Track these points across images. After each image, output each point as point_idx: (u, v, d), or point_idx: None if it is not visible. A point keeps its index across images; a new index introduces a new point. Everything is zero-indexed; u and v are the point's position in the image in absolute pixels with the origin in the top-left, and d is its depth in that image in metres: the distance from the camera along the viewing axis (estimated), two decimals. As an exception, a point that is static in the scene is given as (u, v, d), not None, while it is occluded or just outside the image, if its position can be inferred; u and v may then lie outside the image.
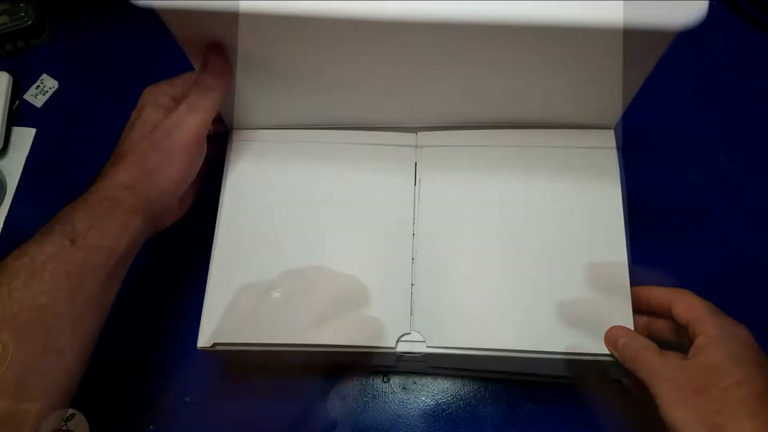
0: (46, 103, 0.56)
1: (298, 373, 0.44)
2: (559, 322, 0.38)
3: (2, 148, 0.53)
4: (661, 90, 0.53)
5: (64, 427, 0.43)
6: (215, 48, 0.36)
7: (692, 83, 0.53)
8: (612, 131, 0.43)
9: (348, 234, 0.41)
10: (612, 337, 0.36)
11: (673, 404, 0.31)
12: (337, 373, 0.44)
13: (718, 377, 0.30)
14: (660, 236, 0.47)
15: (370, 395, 0.44)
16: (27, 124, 0.55)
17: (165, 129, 0.37)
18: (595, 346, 0.37)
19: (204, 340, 0.38)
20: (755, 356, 0.32)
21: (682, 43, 0.54)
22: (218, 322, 0.39)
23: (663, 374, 0.32)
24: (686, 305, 0.35)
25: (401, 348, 0.38)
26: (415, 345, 0.39)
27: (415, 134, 0.44)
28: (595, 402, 0.42)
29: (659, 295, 0.37)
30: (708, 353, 0.31)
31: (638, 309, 0.38)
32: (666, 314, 0.36)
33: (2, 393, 0.30)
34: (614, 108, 0.41)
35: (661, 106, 0.52)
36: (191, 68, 0.57)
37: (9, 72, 0.55)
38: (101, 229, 0.34)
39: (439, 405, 0.44)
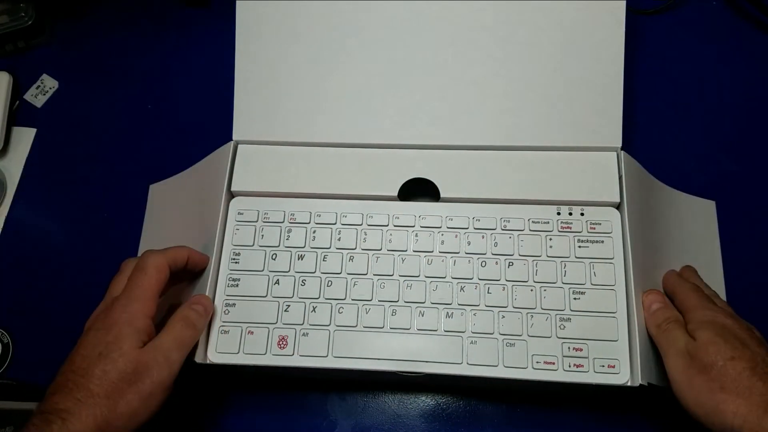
0: (46, 103, 0.56)
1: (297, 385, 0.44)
2: None
3: (2, 148, 0.53)
4: (661, 90, 0.53)
5: (65, 427, 0.43)
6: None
7: (692, 83, 0.53)
8: (615, 154, 0.44)
9: None
10: (648, 300, 0.39)
11: (681, 385, 0.34)
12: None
13: (715, 355, 0.34)
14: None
15: (370, 395, 0.44)
16: (27, 124, 0.55)
17: (147, 367, 0.34)
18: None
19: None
20: (737, 332, 0.35)
21: (683, 43, 0.55)
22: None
23: (674, 353, 0.36)
24: (681, 297, 0.39)
25: (400, 368, 0.39)
26: (416, 365, 0.39)
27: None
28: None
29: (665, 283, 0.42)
30: (700, 336, 0.35)
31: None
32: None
33: None
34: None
35: (661, 105, 0.52)
36: (190, 68, 0.57)
37: (9, 72, 0.55)
38: None
39: (439, 405, 0.44)
